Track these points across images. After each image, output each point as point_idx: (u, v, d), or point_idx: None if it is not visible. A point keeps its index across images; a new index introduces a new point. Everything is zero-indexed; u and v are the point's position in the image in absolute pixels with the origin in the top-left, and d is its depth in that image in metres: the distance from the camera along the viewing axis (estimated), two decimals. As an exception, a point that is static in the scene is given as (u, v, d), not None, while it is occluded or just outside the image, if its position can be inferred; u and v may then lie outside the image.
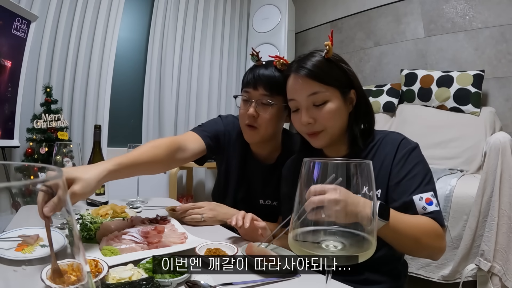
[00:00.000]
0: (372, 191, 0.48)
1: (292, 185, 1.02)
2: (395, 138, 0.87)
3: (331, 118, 0.84)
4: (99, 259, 0.63)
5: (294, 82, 0.86)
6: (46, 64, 2.34)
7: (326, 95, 0.83)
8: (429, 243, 0.75)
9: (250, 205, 1.19)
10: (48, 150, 2.05)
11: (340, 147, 0.92)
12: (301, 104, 0.85)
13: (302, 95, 0.84)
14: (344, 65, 0.87)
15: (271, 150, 1.16)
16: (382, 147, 0.87)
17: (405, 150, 0.84)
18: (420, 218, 0.76)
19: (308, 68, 0.83)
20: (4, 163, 0.25)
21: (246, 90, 1.08)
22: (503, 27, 2.19)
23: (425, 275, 1.60)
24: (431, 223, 0.76)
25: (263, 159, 1.19)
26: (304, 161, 0.49)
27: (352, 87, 0.87)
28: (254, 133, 1.07)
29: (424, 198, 0.78)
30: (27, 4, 2.22)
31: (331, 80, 0.83)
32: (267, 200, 1.20)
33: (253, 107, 1.04)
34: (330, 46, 0.83)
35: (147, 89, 2.95)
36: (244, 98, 1.09)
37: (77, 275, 0.23)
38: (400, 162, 0.83)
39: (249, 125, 1.07)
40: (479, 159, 1.97)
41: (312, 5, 3.41)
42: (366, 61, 2.96)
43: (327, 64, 0.84)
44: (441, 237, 0.77)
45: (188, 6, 3.07)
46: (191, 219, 1.05)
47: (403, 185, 0.81)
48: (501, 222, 1.40)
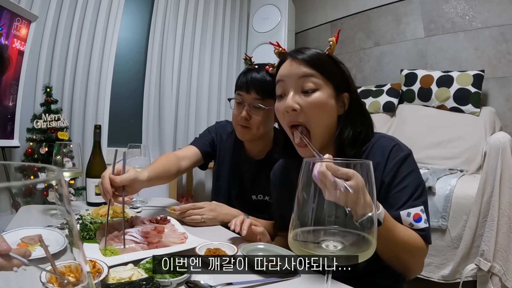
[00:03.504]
0: (372, 191, 0.48)
1: (280, 190, 1.02)
2: (386, 145, 0.80)
3: (318, 108, 0.77)
4: (96, 259, 0.63)
5: (288, 64, 0.80)
6: (46, 64, 2.34)
7: (318, 82, 0.78)
8: (408, 260, 0.75)
9: (244, 201, 1.25)
10: (48, 150, 2.05)
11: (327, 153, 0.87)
12: (288, 87, 0.79)
13: (292, 76, 0.79)
14: (343, 67, 0.83)
15: (262, 146, 1.23)
16: (372, 154, 0.81)
17: (396, 159, 0.77)
18: (409, 232, 0.73)
19: (307, 54, 0.79)
20: (4, 163, 0.25)
21: (239, 93, 1.14)
22: (503, 27, 2.19)
23: (425, 275, 1.60)
24: (418, 241, 0.73)
25: (254, 155, 1.25)
26: (304, 161, 0.49)
27: (347, 91, 0.82)
28: (246, 131, 1.15)
29: (412, 214, 0.74)
30: (27, 4, 2.22)
31: (326, 72, 0.79)
32: (259, 195, 1.24)
33: (246, 110, 1.11)
34: (334, 42, 0.79)
35: (147, 89, 2.95)
36: (237, 101, 1.15)
37: (76, 276, 0.23)
38: (390, 172, 0.77)
39: (242, 125, 1.14)
40: (479, 159, 1.97)
41: (312, 5, 3.41)
42: (366, 61, 2.96)
43: (327, 59, 0.81)
44: (422, 255, 0.76)
45: (188, 6, 3.07)
46: (191, 219, 1.05)
47: (391, 197, 0.76)
48: (501, 222, 1.40)
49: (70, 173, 1.12)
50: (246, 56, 1.16)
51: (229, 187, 1.29)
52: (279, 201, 1.03)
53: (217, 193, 1.33)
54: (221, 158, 1.30)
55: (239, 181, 1.28)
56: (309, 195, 0.47)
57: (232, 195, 1.29)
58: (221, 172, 1.30)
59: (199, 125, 3.17)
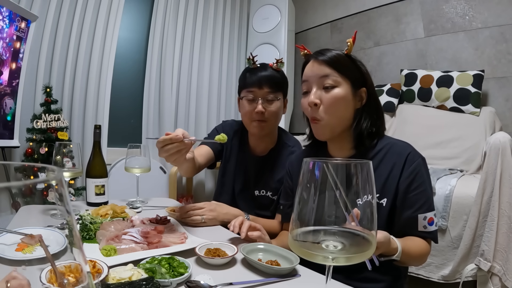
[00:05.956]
0: (372, 191, 0.48)
1: (295, 179, 1.06)
2: (404, 148, 0.89)
3: (336, 103, 0.87)
4: (96, 259, 0.63)
5: (311, 65, 0.91)
6: (46, 64, 2.34)
7: (337, 80, 0.87)
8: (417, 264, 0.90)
9: (247, 196, 1.31)
10: (48, 150, 2.05)
11: (345, 146, 0.94)
12: (311, 85, 0.90)
13: (315, 76, 0.89)
14: (360, 65, 0.92)
15: (268, 143, 1.30)
16: (390, 154, 0.89)
17: (414, 165, 0.86)
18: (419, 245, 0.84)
19: (327, 55, 0.89)
20: (4, 163, 0.25)
21: (250, 90, 1.21)
22: (503, 27, 2.19)
23: (425, 275, 1.60)
24: (426, 249, 0.85)
25: (258, 152, 1.32)
26: (304, 161, 0.49)
27: (365, 86, 0.91)
28: (264, 125, 1.23)
29: (428, 218, 0.83)
30: (27, 4, 2.22)
31: (345, 70, 0.88)
32: (261, 191, 1.28)
33: (261, 104, 1.20)
34: (352, 43, 0.88)
35: (147, 89, 2.95)
36: (249, 98, 1.22)
37: (76, 276, 0.23)
38: (409, 177, 0.85)
39: (259, 120, 1.22)
40: (479, 159, 1.97)
41: (312, 5, 3.41)
42: (366, 61, 2.94)
43: (345, 58, 0.90)
44: (427, 256, 0.87)
45: (188, 6, 3.07)
46: (191, 220, 1.05)
47: (410, 200, 0.84)
48: (501, 222, 1.40)
49: (70, 173, 1.12)
50: (250, 56, 1.26)
51: (233, 183, 1.35)
52: (293, 189, 1.08)
53: (221, 188, 1.39)
54: (227, 155, 1.38)
55: (243, 177, 1.34)
56: (309, 195, 0.46)
57: (236, 190, 1.34)
58: (227, 169, 1.37)
59: (199, 125, 3.17)
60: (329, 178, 0.46)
